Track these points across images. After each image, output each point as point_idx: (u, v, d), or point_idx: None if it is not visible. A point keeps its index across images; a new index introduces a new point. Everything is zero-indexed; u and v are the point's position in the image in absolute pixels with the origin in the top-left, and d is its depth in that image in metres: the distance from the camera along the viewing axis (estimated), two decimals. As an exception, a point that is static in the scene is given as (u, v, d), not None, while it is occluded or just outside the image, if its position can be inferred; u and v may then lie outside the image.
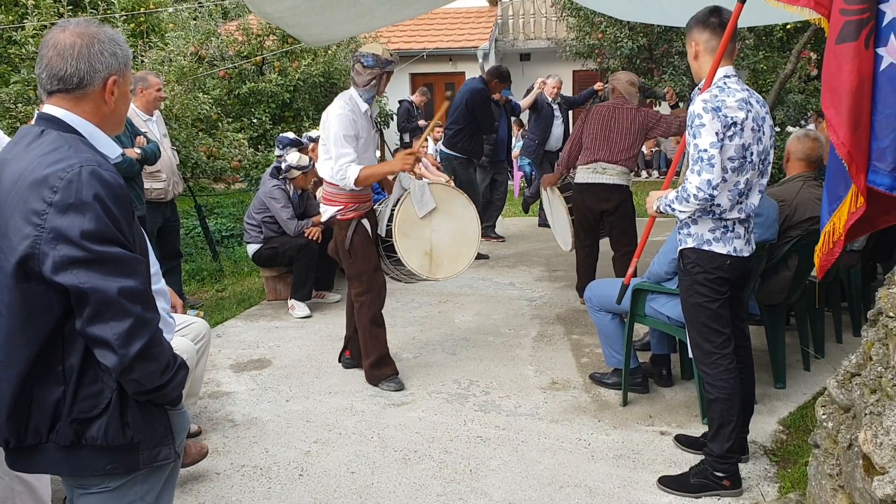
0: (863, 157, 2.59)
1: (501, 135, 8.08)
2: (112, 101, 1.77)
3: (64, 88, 1.72)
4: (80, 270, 1.54)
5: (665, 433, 3.66)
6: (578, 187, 5.52)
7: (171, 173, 5.69)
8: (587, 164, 5.43)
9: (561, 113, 8.87)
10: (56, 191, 1.56)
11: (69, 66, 1.70)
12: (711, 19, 2.99)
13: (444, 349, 4.96)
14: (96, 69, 1.72)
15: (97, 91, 1.74)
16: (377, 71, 4.07)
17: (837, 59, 2.58)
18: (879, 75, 2.54)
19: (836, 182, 2.73)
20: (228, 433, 3.79)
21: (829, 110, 2.61)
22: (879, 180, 2.57)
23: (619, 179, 5.38)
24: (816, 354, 4.52)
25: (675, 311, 3.58)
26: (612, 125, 5.38)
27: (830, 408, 2.65)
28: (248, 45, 10.50)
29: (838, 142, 2.57)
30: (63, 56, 1.70)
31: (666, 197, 3.01)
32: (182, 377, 1.70)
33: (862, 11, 2.52)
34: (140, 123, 5.45)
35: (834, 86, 2.60)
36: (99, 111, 1.76)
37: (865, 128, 2.57)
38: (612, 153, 5.35)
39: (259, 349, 5.08)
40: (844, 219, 2.68)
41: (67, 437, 1.65)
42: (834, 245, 2.75)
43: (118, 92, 1.78)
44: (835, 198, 2.73)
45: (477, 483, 3.23)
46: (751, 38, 11.93)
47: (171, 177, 5.69)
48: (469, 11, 16.57)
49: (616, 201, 5.40)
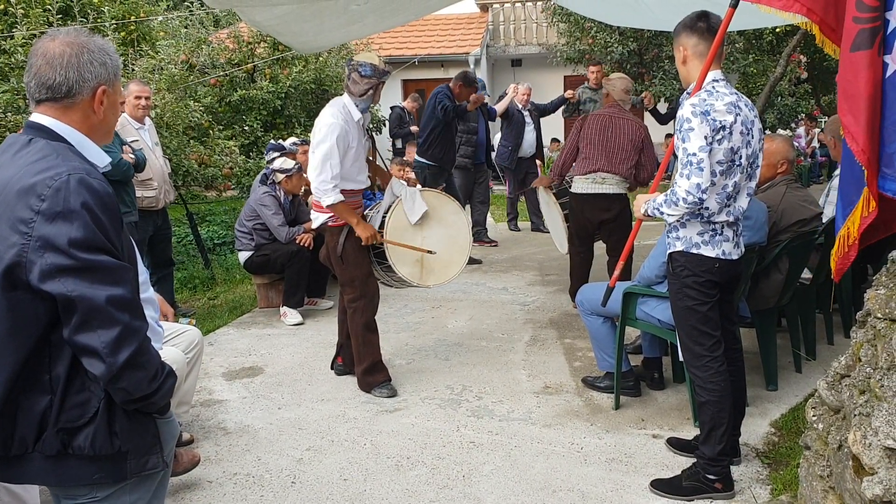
0: (877, 164, 2.62)
1: (481, 138, 8.14)
2: (101, 111, 1.77)
3: (52, 97, 1.72)
4: (67, 278, 1.54)
5: (657, 436, 3.66)
6: (577, 198, 5.47)
7: (162, 181, 5.68)
8: (586, 175, 5.38)
9: (532, 120, 8.97)
10: (44, 199, 1.56)
11: (58, 76, 1.70)
12: (699, 24, 3.00)
13: (437, 355, 4.96)
14: (85, 78, 1.72)
15: (86, 100, 1.74)
16: (374, 81, 4.06)
17: (854, 66, 2.59)
18: (886, 82, 2.56)
19: (849, 187, 2.76)
20: (220, 441, 3.78)
21: (847, 117, 2.62)
22: (888, 186, 2.60)
23: (619, 188, 5.37)
24: (807, 356, 4.54)
25: (665, 314, 3.58)
26: (609, 135, 5.33)
27: (821, 409, 2.66)
28: (239, 52, 10.50)
29: (858, 149, 2.59)
30: (52, 65, 1.70)
31: (654, 200, 3.02)
32: (170, 386, 1.69)
33: (873, 20, 2.54)
34: (131, 132, 5.44)
35: (851, 93, 2.61)
36: (88, 120, 1.76)
37: (877, 134, 2.59)
38: (612, 163, 5.31)
39: (251, 357, 5.06)
40: (858, 223, 2.71)
41: (54, 446, 1.64)
42: (849, 249, 2.78)
43: (107, 101, 1.78)
44: (848, 202, 2.76)
45: (470, 489, 3.23)
46: (741, 41, 12.01)
47: (162, 185, 5.68)
48: (460, 18, 16.63)
49: (616, 210, 5.37)
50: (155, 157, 5.63)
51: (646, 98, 7.99)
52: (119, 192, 5.15)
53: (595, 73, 8.83)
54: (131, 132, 5.45)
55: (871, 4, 2.55)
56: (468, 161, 7.97)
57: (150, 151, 5.55)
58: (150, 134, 5.72)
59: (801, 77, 13.33)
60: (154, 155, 5.63)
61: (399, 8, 5.71)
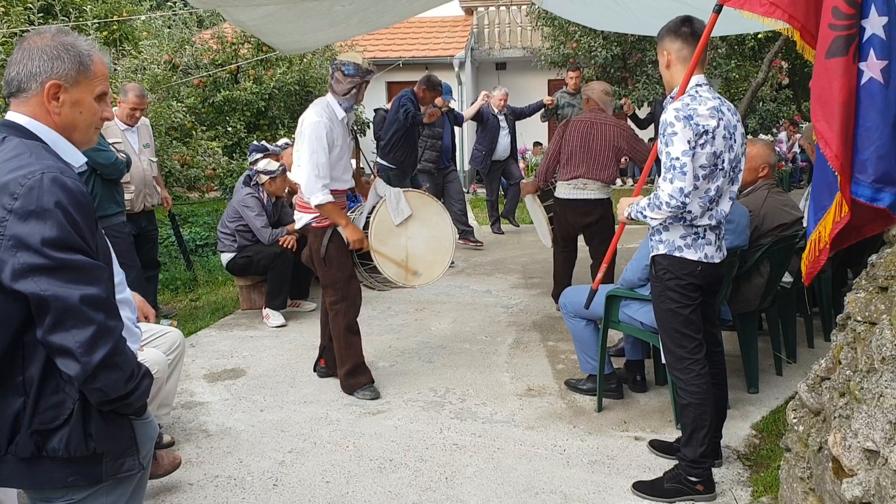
0: (850, 169, 2.65)
1: (446, 143, 8.15)
2: (56, 108, 1.71)
3: (10, 93, 1.72)
4: (40, 278, 1.52)
5: (639, 438, 3.67)
6: (560, 202, 5.53)
7: (142, 185, 5.63)
8: (568, 181, 5.43)
9: (508, 124, 8.99)
10: (16, 197, 1.54)
11: (12, 71, 1.71)
12: (683, 29, 3.02)
13: (420, 357, 4.94)
14: (32, 73, 1.69)
15: (36, 96, 1.70)
16: (357, 80, 4.06)
17: (829, 73, 2.63)
18: (861, 89, 2.60)
19: (822, 192, 2.78)
20: (202, 443, 3.75)
21: (821, 123, 2.66)
22: (861, 191, 2.64)
23: (600, 194, 5.42)
24: (788, 359, 4.57)
25: (648, 316, 3.60)
26: (590, 141, 5.37)
27: (801, 412, 2.67)
28: (223, 53, 10.42)
29: (831, 154, 2.62)
30: (11, 61, 1.71)
31: (637, 204, 3.03)
32: (147, 386, 1.67)
33: (849, 27, 2.58)
34: (115, 133, 5.40)
35: (825, 100, 2.65)
36: (50, 117, 1.72)
37: (850, 140, 2.63)
38: (592, 169, 5.35)
39: (233, 359, 5.02)
40: (829, 228, 2.74)
41: (28, 449, 1.62)
42: (820, 253, 2.81)
43: (65, 98, 1.71)
44: (820, 207, 2.79)
45: (453, 491, 3.22)
46: (723, 47, 12.11)
47: (142, 189, 5.64)
48: (445, 20, 16.62)
49: (598, 215, 5.44)
50: (139, 160, 5.58)
51: (625, 104, 8.12)
52: (112, 192, 5.11)
53: (574, 78, 8.91)
54: (115, 133, 5.40)
55: (847, 12, 2.58)
56: (432, 165, 7.99)
57: (134, 154, 5.51)
58: (139, 135, 5.67)
59: (783, 82, 13.45)
60: (139, 158, 5.58)
61: (384, 10, 5.71)
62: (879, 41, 2.57)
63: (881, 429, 1.95)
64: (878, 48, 2.58)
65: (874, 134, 2.60)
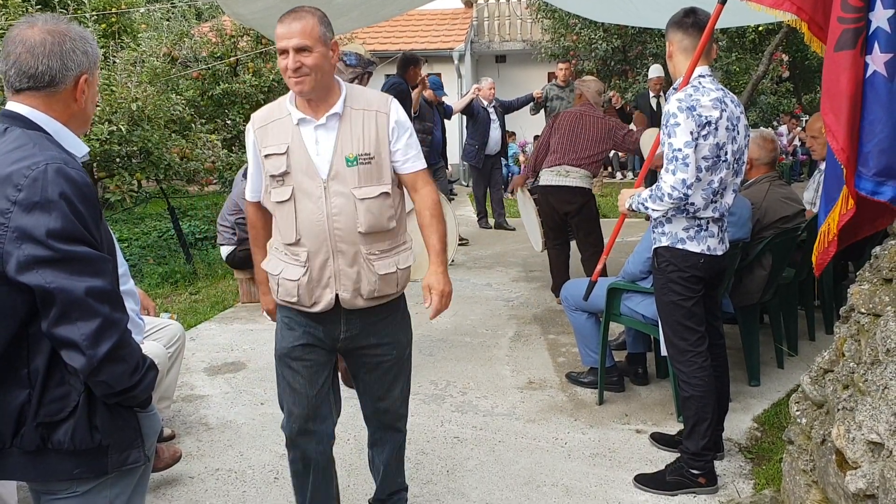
0: (856, 162, 2.65)
1: (436, 137, 8.11)
2: (82, 100, 1.74)
3: (34, 86, 1.68)
4: (45, 270, 1.51)
5: (641, 431, 3.67)
6: (542, 189, 5.64)
7: None
8: (551, 167, 5.54)
9: (497, 117, 8.97)
10: (20, 189, 1.53)
11: (40, 64, 1.66)
12: (685, 20, 3.02)
13: (420, 350, 4.94)
14: (68, 67, 1.69)
15: (68, 89, 1.71)
16: (359, 70, 4.05)
17: (837, 66, 2.63)
18: (865, 83, 2.59)
19: (832, 184, 2.80)
20: (202, 437, 3.74)
21: (829, 116, 2.66)
22: (863, 185, 2.64)
23: (581, 182, 5.48)
24: (790, 352, 4.57)
25: (649, 309, 3.59)
26: (579, 131, 5.51)
27: (804, 404, 2.67)
28: (222, 45, 10.39)
29: (838, 147, 2.62)
30: (34, 53, 1.66)
31: (639, 195, 3.02)
32: (151, 378, 1.67)
33: (857, 20, 2.57)
34: None
35: (833, 92, 2.65)
36: (68, 109, 1.73)
37: (857, 133, 2.63)
38: (577, 157, 5.47)
39: (233, 352, 5.02)
40: (837, 220, 2.75)
41: (33, 441, 1.61)
42: (829, 245, 2.82)
43: (88, 91, 1.75)
44: (830, 199, 2.80)
45: (454, 483, 3.22)
46: (724, 39, 12.08)
47: None
48: (444, 13, 16.56)
49: (578, 203, 5.50)
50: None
51: (613, 97, 8.19)
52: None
53: (564, 70, 8.91)
54: None
55: (856, 5, 2.57)
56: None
57: None
58: None
59: (784, 75, 13.44)
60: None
61: (384, 2, 5.69)
62: (884, 34, 2.56)
63: (885, 421, 1.95)
64: (883, 41, 2.57)
65: (877, 127, 2.60)
